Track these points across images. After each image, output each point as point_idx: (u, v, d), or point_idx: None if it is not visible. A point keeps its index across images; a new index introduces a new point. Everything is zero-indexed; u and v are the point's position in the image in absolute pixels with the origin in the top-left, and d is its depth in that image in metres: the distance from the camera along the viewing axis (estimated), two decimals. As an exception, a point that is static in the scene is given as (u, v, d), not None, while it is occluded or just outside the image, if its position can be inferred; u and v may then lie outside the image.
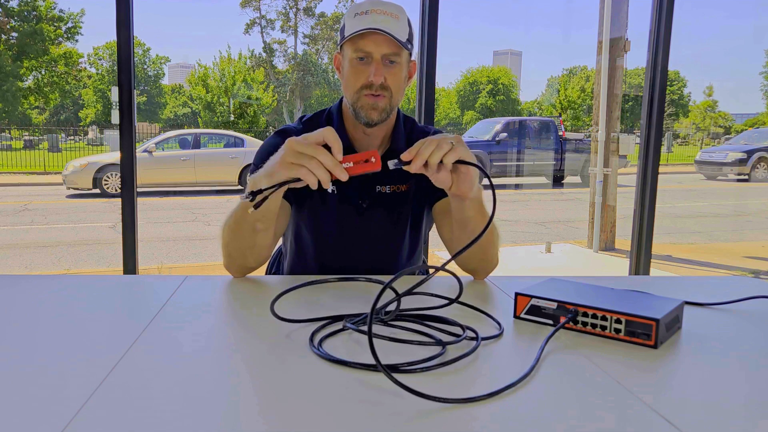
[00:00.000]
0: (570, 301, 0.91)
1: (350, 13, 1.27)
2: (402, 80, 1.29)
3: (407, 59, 1.30)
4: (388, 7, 1.24)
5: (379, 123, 1.27)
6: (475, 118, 19.73)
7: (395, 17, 1.24)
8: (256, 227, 1.15)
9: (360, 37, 1.23)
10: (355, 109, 1.27)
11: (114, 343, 0.82)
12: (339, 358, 0.76)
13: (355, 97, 1.26)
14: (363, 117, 1.26)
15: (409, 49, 1.26)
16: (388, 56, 1.23)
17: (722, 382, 0.74)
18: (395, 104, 1.29)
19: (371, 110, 1.25)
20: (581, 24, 31.95)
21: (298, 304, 1.01)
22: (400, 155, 1.01)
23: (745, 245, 6.88)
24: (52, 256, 5.47)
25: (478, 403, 0.65)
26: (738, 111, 23.61)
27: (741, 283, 1.31)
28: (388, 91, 1.25)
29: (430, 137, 1.02)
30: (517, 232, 7.12)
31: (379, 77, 1.23)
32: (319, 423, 0.61)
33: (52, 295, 1.07)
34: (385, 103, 1.26)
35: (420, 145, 1.00)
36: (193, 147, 9.75)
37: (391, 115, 1.30)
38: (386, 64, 1.24)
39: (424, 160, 0.99)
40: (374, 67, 1.23)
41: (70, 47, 14.48)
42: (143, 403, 0.64)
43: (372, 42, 1.22)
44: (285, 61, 18.26)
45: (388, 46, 1.22)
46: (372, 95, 1.24)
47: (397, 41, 1.22)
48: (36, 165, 11.81)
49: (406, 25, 1.27)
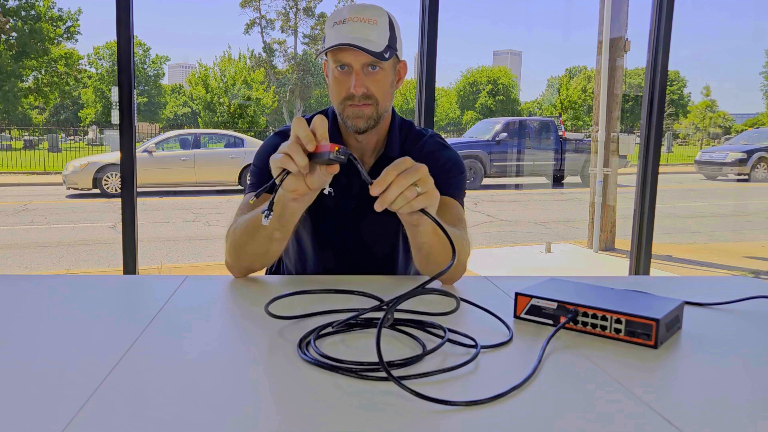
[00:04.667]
0: (570, 301, 0.91)
1: (330, 21, 1.25)
2: (387, 85, 1.27)
3: (393, 63, 1.28)
4: (366, 13, 1.22)
5: (367, 130, 1.26)
6: (474, 119, 19.72)
7: (373, 23, 1.21)
8: (274, 235, 1.13)
9: (339, 49, 1.21)
10: (343, 119, 1.27)
11: (114, 344, 0.82)
12: (341, 360, 0.76)
13: (340, 108, 1.26)
14: (350, 126, 1.26)
15: (387, 57, 1.22)
16: (368, 64, 1.22)
17: (722, 382, 0.74)
18: (382, 110, 1.27)
19: (357, 119, 1.25)
20: (581, 24, 31.91)
21: (291, 306, 1.01)
22: (369, 186, 0.91)
23: (745, 245, 6.88)
24: (52, 256, 5.47)
25: (482, 406, 0.65)
26: (738, 111, 23.60)
27: (741, 283, 1.31)
28: (373, 98, 1.24)
29: (398, 171, 0.91)
30: (517, 232, 7.12)
31: (359, 88, 1.22)
32: (320, 426, 0.61)
33: (52, 295, 1.07)
34: (370, 110, 1.24)
35: (385, 178, 0.90)
36: (193, 147, 9.75)
37: (380, 122, 1.28)
38: (368, 72, 1.23)
39: (389, 204, 0.91)
40: (355, 78, 1.22)
41: (70, 47, 14.48)
42: (143, 404, 0.64)
43: (351, 54, 1.21)
44: (285, 61, 18.26)
45: (367, 56, 1.20)
46: (355, 105, 1.23)
47: (373, 55, 1.19)
48: (36, 165, 11.80)
49: (387, 30, 1.23)
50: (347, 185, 1.33)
